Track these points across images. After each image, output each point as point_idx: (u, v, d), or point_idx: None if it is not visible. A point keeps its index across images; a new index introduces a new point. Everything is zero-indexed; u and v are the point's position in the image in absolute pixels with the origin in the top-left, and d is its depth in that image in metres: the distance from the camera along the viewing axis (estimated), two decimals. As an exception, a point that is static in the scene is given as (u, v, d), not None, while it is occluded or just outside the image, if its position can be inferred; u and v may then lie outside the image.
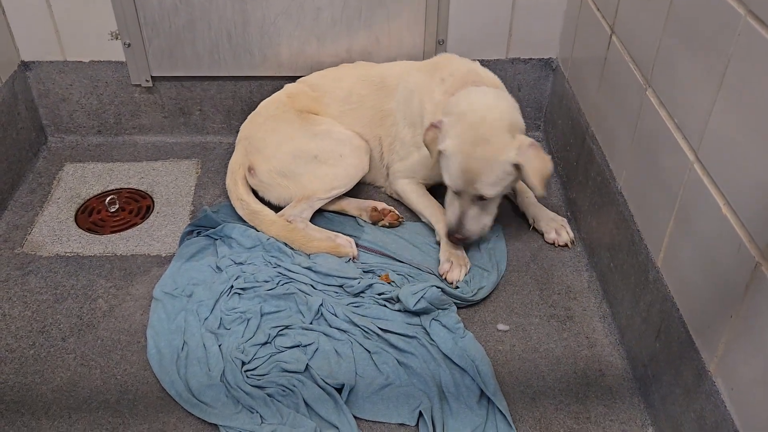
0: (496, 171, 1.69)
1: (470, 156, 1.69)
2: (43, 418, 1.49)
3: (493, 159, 1.68)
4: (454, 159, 1.71)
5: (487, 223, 1.81)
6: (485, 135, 1.68)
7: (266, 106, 2.07)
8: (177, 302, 1.73)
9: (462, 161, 1.70)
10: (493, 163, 1.68)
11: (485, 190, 1.71)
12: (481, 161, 1.68)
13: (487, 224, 1.81)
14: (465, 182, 1.71)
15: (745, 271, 1.11)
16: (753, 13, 1.10)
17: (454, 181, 1.74)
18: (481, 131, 1.69)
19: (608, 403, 1.51)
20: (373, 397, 1.50)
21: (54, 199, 2.13)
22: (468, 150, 1.69)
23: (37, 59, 2.24)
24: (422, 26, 2.17)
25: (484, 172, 1.69)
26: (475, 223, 1.78)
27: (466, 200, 1.75)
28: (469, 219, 1.77)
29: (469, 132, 1.70)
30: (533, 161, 1.69)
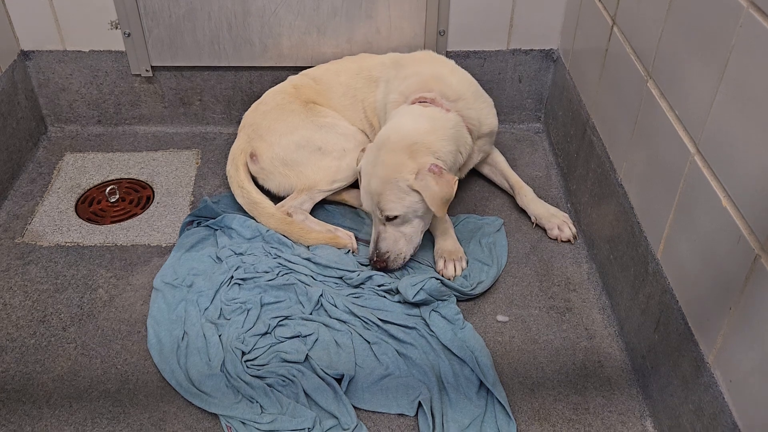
0: (393, 190, 1.68)
1: (371, 176, 1.71)
2: (44, 407, 1.49)
3: (387, 179, 1.68)
4: (362, 179, 1.76)
5: (403, 249, 1.75)
6: (382, 156, 1.70)
7: (272, 96, 2.06)
8: (177, 292, 1.73)
9: (365, 181, 1.74)
10: (388, 183, 1.68)
11: (388, 209, 1.69)
12: (376, 180, 1.70)
13: (404, 250, 1.75)
14: (369, 202, 1.74)
15: (745, 263, 1.11)
16: (755, 5, 1.10)
17: (363, 200, 1.78)
18: (381, 152, 1.71)
19: (607, 394, 1.51)
20: (372, 387, 1.51)
21: (54, 189, 2.13)
22: (369, 170, 1.72)
23: (36, 49, 2.23)
24: (423, 16, 2.16)
25: (382, 191, 1.69)
26: (390, 245, 1.74)
27: (377, 222, 1.75)
28: (382, 240, 1.74)
29: (372, 152, 1.74)
30: (432, 186, 1.65)
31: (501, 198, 2.07)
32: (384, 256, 1.75)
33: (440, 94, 1.83)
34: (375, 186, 1.70)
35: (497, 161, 2.09)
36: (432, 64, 1.94)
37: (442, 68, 1.93)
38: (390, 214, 1.70)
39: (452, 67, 1.95)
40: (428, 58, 1.98)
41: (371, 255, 1.77)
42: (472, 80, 1.96)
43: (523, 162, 2.21)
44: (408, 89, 1.86)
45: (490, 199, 2.07)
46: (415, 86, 1.86)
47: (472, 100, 1.90)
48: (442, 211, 1.69)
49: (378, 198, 1.70)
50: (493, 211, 2.03)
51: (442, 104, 1.80)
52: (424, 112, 1.77)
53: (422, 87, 1.85)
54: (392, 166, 1.68)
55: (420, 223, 1.76)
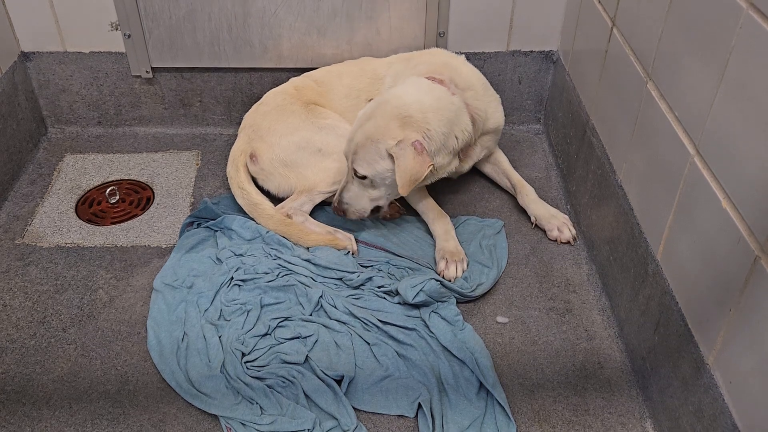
0: (370, 150, 1.70)
1: (359, 127, 1.73)
2: (44, 408, 1.49)
3: (370, 137, 1.70)
4: (353, 126, 1.77)
5: (364, 206, 1.82)
6: (376, 114, 1.72)
7: (273, 97, 2.06)
8: (177, 293, 1.73)
9: (353, 130, 1.76)
10: (369, 141, 1.70)
11: (357, 165, 1.73)
12: (360, 134, 1.72)
13: (365, 207, 1.82)
14: (348, 150, 1.76)
15: (745, 264, 1.11)
16: (755, 6, 1.10)
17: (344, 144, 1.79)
18: (377, 111, 1.72)
19: (607, 395, 1.51)
20: (372, 388, 1.51)
21: (54, 190, 2.14)
22: (360, 121, 1.74)
23: (37, 50, 2.24)
24: (423, 18, 2.16)
25: (359, 144, 1.71)
26: (352, 198, 1.80)
27: (349, 174, 1.78)
28: (345, 191, 1.80)
29: (369, 108, 1.75)
30: (406, 159, 1.65)
31: (501, 198, 2.07)
32: (343, 206, 1.82)
33: (450, 80, 1.83)
34: (357, 138, 1.72)
35: (500, 160, 2.09)
36: (442, 56, 1.96)
37: (453, 59, 1.94)
38: (359, 172, 1.74)
39: (463, 60, 1.96)
40: (439, 52, 1.99)
41: (335, 199, 1.83)
42: (482, 75, 1.97)
43: (522, 163, 2.21)
44: (416, 73, 1.86)
45: (490, 200, 2.07)
46: (425, 71, 1.86)
47: (482, 92, 1.91)
48: (406, 189, 1.68)
49: (355, 150, 1.73)
50: (493, 211, 2.03)
51: (449, 87, 1.80)
52: (431, 87, 1.78)
53: (431, 71, 1.86)
54: (380, 127, 1.70)
55: (386, 191, 1.80)
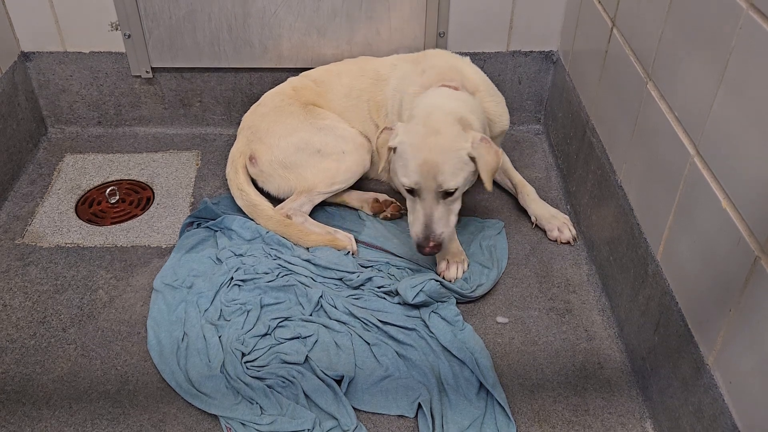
0: (452, 160, 1.63)
1: (424, 147, 1.63)
2: (43, 408, 1.49)
3: (447, 148, 1.63)
4: (409, 153, 1.65)
5: (452, 226, 1.70)
6: (435, 127, 1.64)
7: (271, 98, 2.06)
8: (177, 293, 1.73)
9: (417, 154, 1.63)
10: (447, 152, 1.63)
11: (447, 181, 1.63)
12: (435, 151, 1.62)
13: (453, 227, 1.71)
14: (424, 175, 1.62)
15: (745, 265, 1.11)
16: (755, 7, 1.10)
17: (411, 176, 1.64)
18: (431, 124, 1.65)
19: (606, 395, 1.51)
20: (372, 388, 1.51)
21: (54, 190, 2.14)
22: (420, 142, 1.64)
23: (37, 50, 2.24)
24: (423, 18, 2.16)
25: (441, 161, 1.62)
26: (444, 225, 1.66)
27: (429, 200, 1.65)
28: (436, 221, 1.65)
29: (418, 127, 1.66)
30: (485, 155, 1.65)
31: (501, 199, 2.07)
32: (440, 238, 1.65)
33: (461, 85, 1.82)
34: (434, 157, 1.62)
35: (502, 160, 2.09)
36: (448, 58, 1.95)
37: (458, 61, 1.94)
38: (450, 187, 1.63)
39: (468, 61, 1.96)
40: (442, 54, 1.98)
41: (422, 239, 1.65)
42: (486, 76, 1.97)
43: (522, 163, 2.21)
44: (428, 80, 1.85)
45: (491, 200, 2.07)
46: (435, 77, 1.85)
47: (490, 93, 1.91)
48: (490, 183, 1.68)
49: (436, 171, 1.62)
50: (494, 211, 2.03)
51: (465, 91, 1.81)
52: (454, 94, 1.76)
53: (443, 77, 1.84)
54: (451, 136, 1.63)
55: (460, 200, 1.72)
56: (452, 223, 1.70)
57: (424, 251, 1.66)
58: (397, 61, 2.03)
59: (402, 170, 1.66)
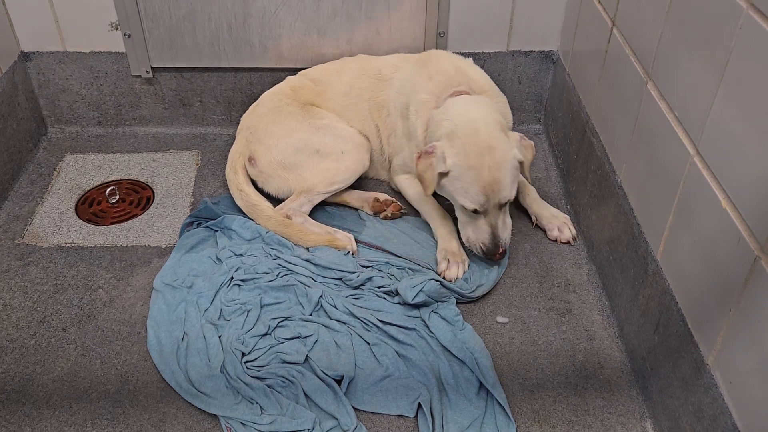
0: (510, 172, 1.68)
1: (483, 167, 1.66)
2: (43, 408, 1.49)
3: (504, 162, 1.67)
4: (468, 176, 1.67)
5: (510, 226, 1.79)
6: (487, 143, 1.67)
7: (269, 98, 2.06)
8: (177, 293, 1.73)
9: (478, 175, 1.66)
10: (505, 166, 1.67)
11: (509, 193, 1.70)
12: (494, 169, 1.66)
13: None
14: (489, 195, 1.67)
15: (745, 264, 1.11)
16: (755, 6, 1.10)
17: (476, 198, 1.68)
18: (482, 140, 1.67)
19: (606, 395, 1.51)
20: (372, 388, 1.51)
21: (54, 189, 2.14)
22: (478, 163, 1.66)
23: (37, 50, 2.24)
24: (423, 18, 2.16)
25: (501, 177, 1.67)
26: (507, 230, 1.76)
27: (493, 214, 1.71)
28: (501, 230, 1.74)
29: (470, 146, 1.67)
30: (527, 153, 1.75)
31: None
32: (506, 243, 1.76)
33: (469, 89, 1.85)
34: (494, 175, 1.66)
35: None
36: (453, 61, 1.95)
37: (462, 63, 1.94)
38: (511, 197, 1.72)
39: (470, 63, 1.97)
40: (445, 56, 1.98)
41: (492, 247, 1.73)
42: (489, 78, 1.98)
43: (522, 163, 2.21)
44: (437, 87, 1.86)
45: (490, 201, 2.07)
46: (445, 83, 1.86)
47: (495, 93, 1.93)
48: (529, 174, 1.78)
49: (499, 187, 1.67)
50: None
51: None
52: (478, 100, 1.81)
53: (452, 83, 1.86)
54: (503, 148, 1.68)
55: None
56: (509, 225, 1.78)
57: (494, 258, 1.75)
58: (400, 61, 2.02)
59: (463, 194, 1.70)
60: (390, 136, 2.02)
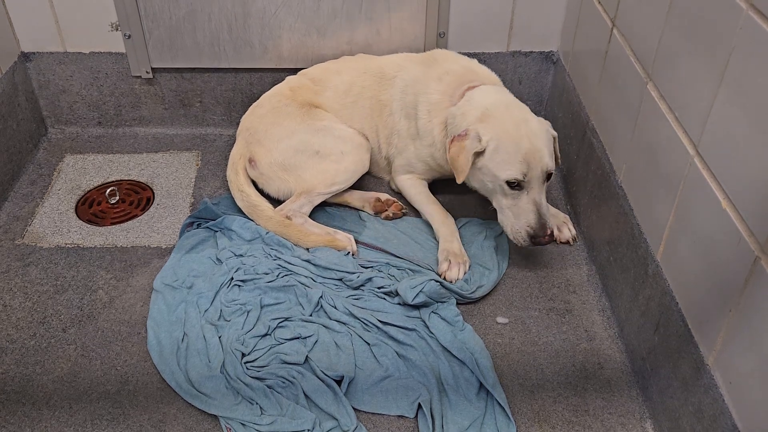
0: (548, 142, 1.70)
1: (522, 136, 1.66)
2: (43, 409, 1.49)
3: (541, 131, 1.69)
4: (508, 146, 1.66)
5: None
6: (522, 115, 1.71)
7: (269, 99, 2.06)
8: (177, 294, 1.73)
9: (518, 144, 1.65)
10: (542, 135, 1.69)
11: (549, 162, 1.67)
12: (533, 138, 1.66)
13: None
14: (530, 163, 1.64)
15: (745, 265, 1.11)
16: (755, 7, 1.10)
17: (518, 166, 1.64)
18: (516, 114, 1.71)
19: (607, 396, 1.51)
20: (372, 389, 1.51)
21: (54, 190, 2.14)
22: (516, 132, 1.66)
23: (37, 50, 2.24)
24: (423, 18, 2.16)
25: (541, 145, 1.66)
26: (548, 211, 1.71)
27: (537, 188, 1.66)
28: (545, 208, 1.68)
29: (505, 120, 1.68)
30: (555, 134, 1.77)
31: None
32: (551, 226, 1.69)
33: (481, 83, 1.86)
34: (535, 143, 1.65)
35: None
36: (457, 61, 1.96)
37: (468, 62, 1.95)
38: (552, 168, 1.69)
39: (476, 62, 1.97)
40: (451, 56, 1.99)
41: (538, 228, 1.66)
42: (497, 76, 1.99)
43: (523, 164, 2.21)
44: (449, 87, 1.87)
45: (490, 201, 2.07)
46: (455, 82, 1.87)
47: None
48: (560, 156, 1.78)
49: (540, 155, 1.65)
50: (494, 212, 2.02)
51: None
52: (500, 88, 1.84)
53: (462, 81, 1.87)
54: (536, 120, 1.71)
55: None
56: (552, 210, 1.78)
57: (543, 240, 1.66)
58: (403, 61, 2.02)
59: (504, 165, 1.66)
60: (391, 135, 2.01)
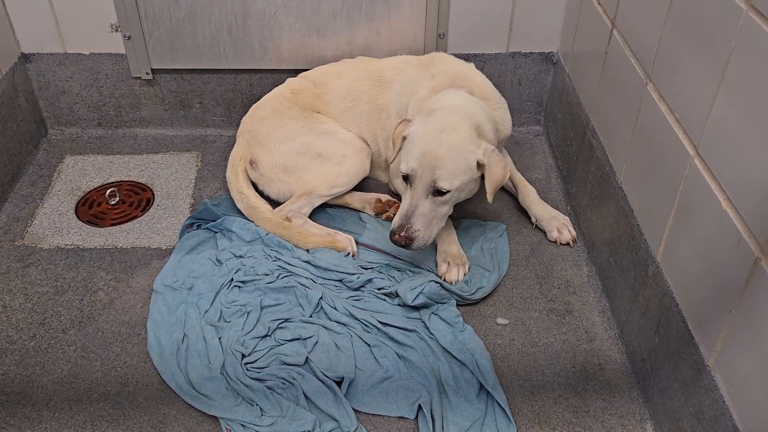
0: (457, 159, 1.63)
1: (434, 139, 1.64)
2: (44, 410, 1.49)
3: (457, 146, 1.64)
4: (417, 141, 1.66)
5: (433, 233, 1.69)
6: (453, 124, 1.66)
7: (270, 100, 2.06)
8: (177, 295, 1.73)
9: (425, 143, 1.65)
10: (456, 150, 1.64)
11: (443, 179, 1.63)
12: (444, 146, 1.63)
13: (433, 234, 1.69)
14: (423, 166, 1.63)
15: (745, 266, 1.11)
16: (754, 8, 1.10)
17: (410, 162, 1.65)
18: (447, 122, 1.66)
19: (607, 397, 1.51)
20: (372, 390, 1.51)
21: (54, 191, 2.14)
22: (433, 134, 1.65)
23: (37, 51, 2.24)
24: (423, 19, 2.16)
25: (445, 156, 1.63)
26: (423, 223, 1.66)
27: (419, 192, 1.65)
28: (418, 215, 1.65)
29: (436, 122, 1.68)
30: (494, 167, 1.66)
31: (502, 199, 2.07)
32: (414, 233, 1.65)
33: (469, 90, 1.84)
34: (440, 151, 1.63)
35: None
36: (455, 65, 1.95)
37: (465, 68, 1.94)
38: (444, 186, 1.63)
39: (473, 67, 1.96)
40: (449, 59, 1.98)
41: (397, 227, 1.65)
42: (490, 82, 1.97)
43: (522, 165, 2.21)
44: (439, 85, 1.86)
45: (490, 202, 2.07)
46: (448, 82, 1.86)
47: (497, 100, 1.91)
48: (492, 195, 1.68)
49: (436, 164, 1.63)
50: (494, 212, 2.03)
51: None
52: (472, 99, 1.78)
53: (454, 82, 1.86)
54: (465, 138, 1.65)
55: (450, 209, 1.72)
56: (434, 227, 1.69)
57: (393, 237, 1.66)
58: (402, 64, 2.01)
59: (405, 157, 1.68)
60: (388, 138, 2.01)
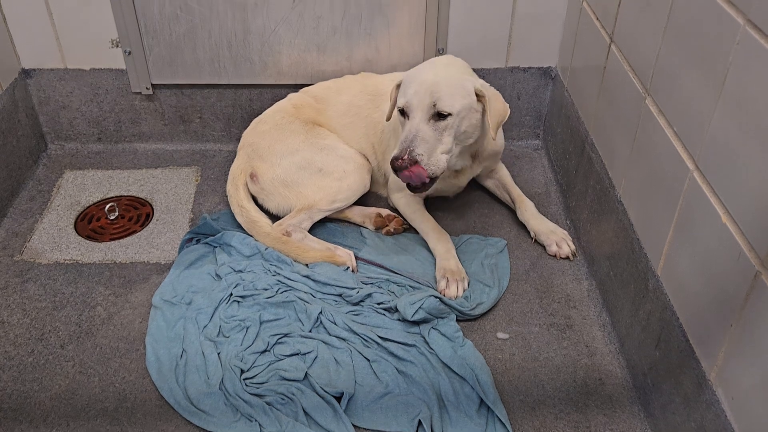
0: (454, 85, 1.66)
1: (429, 71, 1.69)
2: (41, 426, 1.48)
3: (453, 75, 1.68)
4: (412, 78, 1.70)
5: (440, 163, 1.64)
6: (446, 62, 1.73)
7: (272, 115, 2.07)
8: (176, 310, 1.72)
9: (420, 76, 1.68)
10: (452, 78, 1.68)
11: (443, 100, 1.62)
12: (440, 75, 1.68)
13: (439, 164, 1.65)
14: (420, 93, 1.64)
15: (745, 279, 1.11)
16: (752, 23, 1.10)
17: (409, 97, 1.65)
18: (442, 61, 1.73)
19: (608, 412, 1.50)
20: (372, 405, 1.50)
21: (53, 206, 2.13)
22: (427, 71, 1.70)
23: (37, 67, 2.24)
24: (422, 35, 2.17)
25: (442, 83, 1.65)
26: (425, 148, 1.62)
27: (418, 118, 1.64)
28: (419, 139, 1.62)
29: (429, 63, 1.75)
30: (494, 101, 1.71)
31: (501, 214, 2.07)
32: (417, 156, 1.61)
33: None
34: (435, 79, 1.65)
35: (502, 175, 2.09)
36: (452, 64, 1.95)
37: None
38: (444, 107, 1.62)
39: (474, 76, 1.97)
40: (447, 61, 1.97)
41: (398, 152, 1.62)
42: None
43: (522, 179, 2.21)
44: None
45: (490, 215, 2.07)
46: None
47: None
48: (495, 130, 1.68)
49: (434, 89, 1.64)
50: (494, 226, 2.03)
51: None
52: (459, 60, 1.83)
53: None
54: (461, 69, 1.70)
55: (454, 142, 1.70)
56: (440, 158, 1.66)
57: (395, 163, 1.62)
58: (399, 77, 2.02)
59: (401, 94, 1.71)
60: (385, 152, 2.02)
